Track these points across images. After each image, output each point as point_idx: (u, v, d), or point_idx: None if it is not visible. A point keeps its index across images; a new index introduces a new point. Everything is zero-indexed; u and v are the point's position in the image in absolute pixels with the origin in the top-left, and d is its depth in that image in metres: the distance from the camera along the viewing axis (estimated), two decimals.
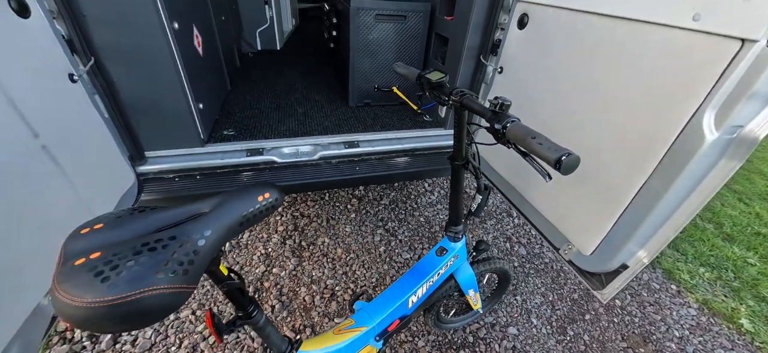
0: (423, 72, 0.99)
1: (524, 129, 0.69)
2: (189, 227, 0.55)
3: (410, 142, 1.99)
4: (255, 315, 0.77)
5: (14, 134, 0.96)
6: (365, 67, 2.26)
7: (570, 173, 0.62)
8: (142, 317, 0.46)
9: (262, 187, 0.66)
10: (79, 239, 0.50)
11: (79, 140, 1.22)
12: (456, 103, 0.85)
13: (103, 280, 0.43)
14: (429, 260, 1.17)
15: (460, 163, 0.99)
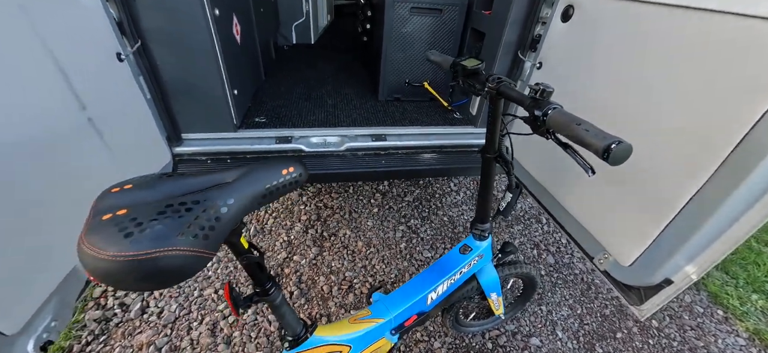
0: (458, 59, 0.95)
1: (568, 116, 0.64)
2: (213, 194, 0.55)
3: (438, 138, 1.95)
4: (272, 292, 0.77)
5: (64, 104, 1.02)
6: (397, 62, 2.24)
7: (620, 163, 0.56)
8: (162, 276, 0.46)
9: (286, 161, 0.66)
10: (109, 197, 0.52)
11: (121, 116, 1.29)
12: (492, 90, 0.81)
13: (127, 235, 0.44)
14: (452, 257, 1.13)
15: (492, 156, 0.94)
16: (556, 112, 0.66)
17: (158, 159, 1.52)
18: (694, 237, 0.94)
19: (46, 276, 0.94)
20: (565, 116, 0.64)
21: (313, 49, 3.53)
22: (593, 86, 1.26)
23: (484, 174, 1.00)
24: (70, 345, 1.35)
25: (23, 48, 0.89)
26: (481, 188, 1.03)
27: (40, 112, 0.93)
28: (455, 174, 2.32)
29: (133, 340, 1.38)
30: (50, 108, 0.96)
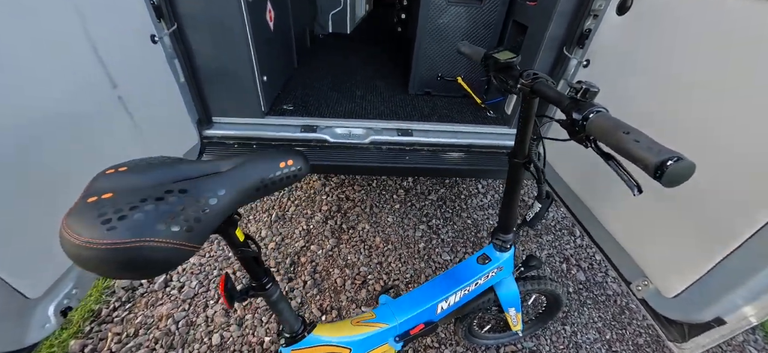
0: (490, 51, 0.86)
1: (613, 121, 0.54)
2: (203, 184, 0.52)
3: (468, 137, 1.85)
4: (269, 287, 0.75)
5: (95, 81, 1.06)
6: (430, 54, 2.15)
7: (676, 184, 0.46)
8: (138, 267, 0.44)
9: (286, 153, 0.62)
10: (101, 179, 0.50)
11: (151, 97, 1.33)
12: (526, 87, 0.72)
13: (104, 222, 0.42)
14: (468, 266, 1.05)
15: (521, 162, 0.85)
16: (600, 116, 0.56)
17: (185, 139, 1.56)
18: (760, 275, 0.80)
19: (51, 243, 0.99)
20: (610, 121, 0.54)
21: (349, 39, 3.51)
22: (650, 89, 1.11)
23: (511, 181, 0.91)
24: (99, 308, 1.44)
25: (60, 21, 0.93)
26: (505, 195, 0.95)
27: (72, 86, 0.97)
28: (484, 176, 2.21)
29: (155, 311, 1.45)
30: (81, 83, 1.00)
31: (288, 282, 1.60)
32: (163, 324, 1.40)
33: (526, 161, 0.86)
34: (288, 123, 1.85)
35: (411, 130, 1.86)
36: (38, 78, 0.87)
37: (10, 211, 0.80)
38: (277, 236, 1.82)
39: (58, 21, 0.93)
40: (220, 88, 1.67)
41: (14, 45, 0.81)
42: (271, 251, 1.74)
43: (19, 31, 0.82)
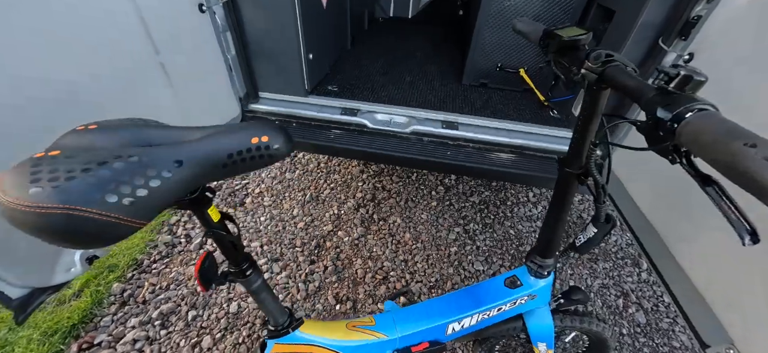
0: (553, 27, 0.66)
1: (725, 127, 0.35)
2: (159, 153, 0.46)
3: (522, 137, 1.62)
4: (250, 275, 0.69)
5: (139, 46, 1.10)
6: (490, 41, 1.94)
7: None
8: (66, 237, 0.39)
9: (262, 128, 0.52)
10: (68, 135, 0.48)
11: (194, 66, 1.36)
12: (592, 71, 0.54)
13: (34, 181, 0.38)
14: (492, 287, 0.90)
15: (575, 172, 0.67)
16: (703, 117, 0.37)
17: (226, 111, 1.60)
18: None
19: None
20: (719, 125, 0.36)
21: (409, 23, 3.37)
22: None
23: (559, 194, 0.74)
24: (142, 258, 1.56)
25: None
26: (551, 210, 0.77)
27: (114, 48, 1.01)
28: (536, 184, 1.95)
29: (186, 269, 1.53)
30: (123, 46, 1.04)
31: (310, 264, 1.58)
32: (192, 283, 1.48)
33: (582, 173, 0.67)
34: (329, 104, 1.81)
35: (457, 123, 1.69)
36: (83, 39, 0.91)
37: None
38: (307, 217, 1.81)
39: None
40: (267, 63, 1.68)
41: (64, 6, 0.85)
42: (298, 231, 1.74)
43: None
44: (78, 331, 1.32)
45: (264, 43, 1.63)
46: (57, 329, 1.30)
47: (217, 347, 1.29)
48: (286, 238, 1.69)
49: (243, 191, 1.97)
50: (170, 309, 1.39)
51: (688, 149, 0.40)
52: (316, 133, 1.71)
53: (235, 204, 1.88)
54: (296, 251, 1.63)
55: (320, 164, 2.18)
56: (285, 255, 1.62)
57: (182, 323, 1.35)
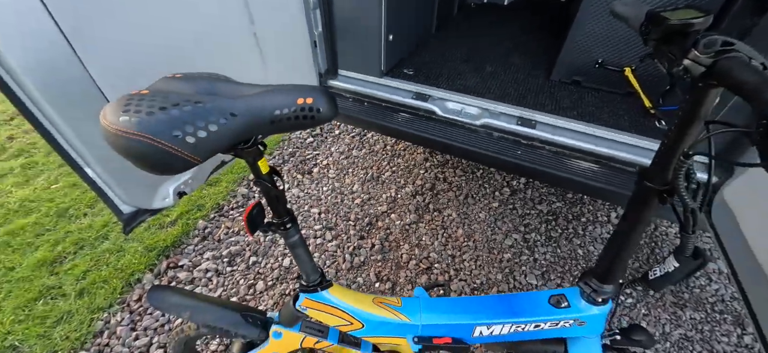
0: (660, 9, 0.53)
1: None
2: (220, 103, 0.51)
3: (612, 147, 1.40)
4: (289, 228, 0.74)
5: (238, 17, 1.23)
6: (592, 33, 1.69)
7: None
8: (139, 159, 0.46)
9: (309, 90, 0.56)
10: (160, 80, 0.57)
11: (281, 39, 1.48)
12: (699, 63, 0.43)
13: (124, 112, 0.46)
14: (534, 301, 0.81)
15: (656, 188, 0.56)
16: None
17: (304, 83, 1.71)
18: None
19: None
20: None
21: (503, 9, 3.13)
22: None
23: (633, 210, 0.63)
24: (223, 203, 1.81)
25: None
26: (619, 228, 0.67)
27: (217, 15, 1.15)
28: (623, 203, 1.66)
29: None
30: (225, 14, 1.18)
31: (359, 239, 1.64)
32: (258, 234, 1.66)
33: (666, 190, 0.56)
34: (402, 87, 1.80)
35: (534, 121, 1.53)
36: (196, 6, 1.06)
37: None
38: (365, 195, 1.86)
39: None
40: (349, 42, 1.74)
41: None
42: (355, 206, 1.80)
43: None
44: (169, 252, 1.60)
45: (348, 23, 1.68)
46: (155, 247, 1.60)
47: (268, 292, 1.44)
48: (342, 210, 1.78)
49: (312, 161, 2.11)
50: (237, 251, 1.59)
51: None
52: (385, 114, 1.73)
53: (304, 172, 2.04)
54: (349, 225, 1.70)
55: (387, 146, 2.21)
56: (338, 226, 1.70)
57: (244, 265, 1.54)
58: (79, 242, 1.64)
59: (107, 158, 0.93)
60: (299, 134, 2.33)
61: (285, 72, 1.55)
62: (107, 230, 1.70)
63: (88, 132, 0.87)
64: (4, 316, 1.35)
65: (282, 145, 2.27)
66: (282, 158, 2.15)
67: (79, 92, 0.85)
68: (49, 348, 1.27)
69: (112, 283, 1.47)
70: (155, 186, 1.14)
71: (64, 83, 0.82)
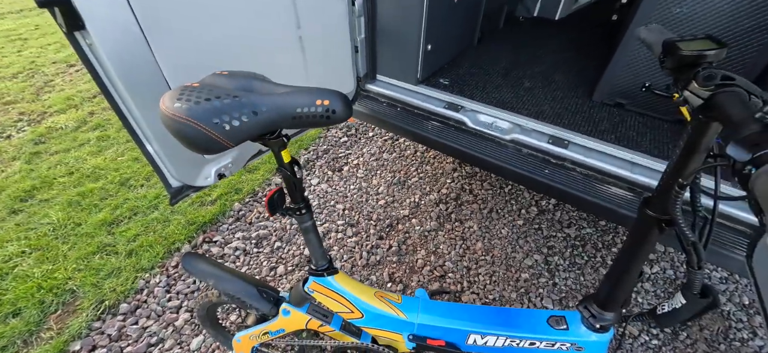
0: (677, 38, 0.53)
1: None
2: (252, 98, 0.59)
3: (649, 175, 1.32)
4: (303, 214, 0.80)
5: (286, 21, 1.34)
6: (639, 54, 1.60)
7: None
8: (183, 138, 0.55)
9: (326, 93, 0.62)
10: (210, 75, 0.66)
11: (325, 42, 1.57)
12: (697, 95, 0.45)
13: (178, 100, 0.55)
14: (531, 318, 0.81)
15: (657, 217, 0.56)
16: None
17: (342, 88, 1.79)
18: None
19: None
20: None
21: (550, 25, 3.03)
22: None
23: (635, 238, 0.63)
24: (258, 189, 1.95)
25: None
26: (621, 255, 0.66)
27: (269, 18, 1.27)
28: (667, 242, 1.54)
29: None
30: (276, 18, 1.29)
31: (378, 239, 1.68)
32: (284, 222, 1.77)
33: (666, 220, 0.55)
34: (436, 96, 1.83)
35: (567, 141, 1.49)
36: (250, 10, 1.18)
37: None
38: (389, 197, 1.91)
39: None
40: (388, 48, 1.81)
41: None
42: (378, 207, 1.85)
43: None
44: (206, 228, 1.76)
45: (389, 31, 1.75)
46: (195, 221, 1.77)
47: (287, 276, 1.53)
48: (366, 210, 1.83)
49: (344, 160, 2.20)
50: (264, 235, 1.71)
51: (759, 200, 0.30)
52: (417, 121, 1.77)
53: (334, 169, 2.13)
54: (370, 224, 1.76)
55: (417, 153, 2.24)
56: (359, 224, 1.76)
57: (269, 248, 1.65)
58: (134, 209, 1.86)
59: (164, 138, 1.07)
60: (334, 134, 2.44)
61: (324, 74, 1.65)
62: (158, 202, 1.91)
63: (151, 114, 1.01)
64: (68, 264, 1.58)
65: (317, 142, 2.39)
66: (316, 154, 2.27)
67: (148, 80, 0.98)
68: (98, 296, 1.46)
69: (156, 248, 1.65)
70: (200, 166, 1.27)
71: (138, 71, 0.96)
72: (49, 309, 1.43)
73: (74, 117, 2.63)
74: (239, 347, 1.09)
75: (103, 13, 0.85)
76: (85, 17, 0.81)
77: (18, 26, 4.38)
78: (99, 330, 1.37)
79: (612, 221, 1.75)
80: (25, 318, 1.39)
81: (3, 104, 2.79)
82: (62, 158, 2.22)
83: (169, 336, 1.35)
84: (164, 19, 0.97)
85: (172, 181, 1.20)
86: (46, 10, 0.80)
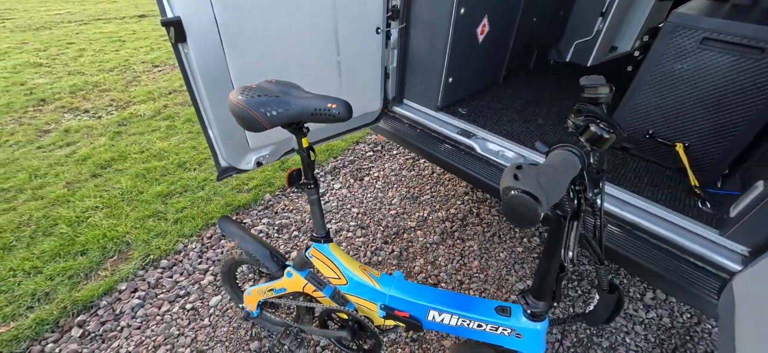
0: (589, 81, 0.70)
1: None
2: (287, 99, 0.84)
3: (638, 214, 1.38)
4: (311, 189, 1.02)
5: (330, 47, 1.61)
6: (645, 104, 1.69)
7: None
8: (241, 119, 0.82)
9: (335, 100, 0.85)
10: (263, 81, 0.91)
11: (358, 68, 1.82)
12: (574, 123, 0.62)
13: (241, 94, 0.82)
14: (482, 304, 0.94)
15: (561, 214, 0.69)
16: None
17: (369, 108, 2.02)
18: None
19: (272, 135, 1.63)
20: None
21: (584, 70, 3.12)
22: None
23: (550, 235, 0.76)
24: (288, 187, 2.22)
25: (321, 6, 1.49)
26: (543, 251, 0.79)
27: (315, 45, 1.53)
28: (639, 274, 1.54)
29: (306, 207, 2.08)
30: (320, 45, 1.57)
31: (383, 243, 1.85)
32: (305, 216, 2.01)
33: (563, 216, 0.68)
34: (452, 122, 2.02)
35: None
36: (301, 39, 1.46)
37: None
38: (400, 209, 2.08)
39: (322, 2, 1.49)
40: (415, 77, 2.04)
41: (292, 23, 1.41)
42: (388, 215, 2.04)
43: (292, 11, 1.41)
44: (239, 210, 2.05)
45: (417, 62, 1.99)
46: (231, 204, 2.07)
47: None
48: (377, 217, 2.02)
49: (366, 171, 2.43)
50: (285, 224, 1.96)
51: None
52: (432, 143, 1.96)
53: (357, 178, 2.36)
54: (378, 229, 1.94)
55: (434, 173, 2.41)
56: (369, 227, 1.95)
57: (287, 236, 1.89)
58: (185, 187, 2.20)
59: (222, 126, 1.36)
60: (362, 148, 2.69)
61: (355, 93, 1.88)
62: (204, 183, 2.25)
63: (217, 106, 1.30)
64: (128, 222, 1.92)
65: (346, 153, 2.65)
66: (343, 163, 2.52)
67: (219, 80, 1.28)
68: (146, 251, 1.77)
69: (197, 220, 1.95)
70: (244, 153, 1.55)
71: (214, 74, 1.26)
72: (108, 253, 1.76)
73: (151, 108, 3.15)
74: (249, 299, 1.31)
75: (200, 33, 1.17)
76: (189, 35, 1.13)
77: (119, 30, 5.26)
78: (142, 277, 1.66)
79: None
80: (90, 258, 1.72)
81: (99, 92, 3.40)
82: (137, 139, 2.68)
83: (194, 292, 1.60)
84: (238, 39, 1.27)
85: (221, 161, 1.48)
86: (142, 19, 1.13)
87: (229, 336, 1.43)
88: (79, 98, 3.26)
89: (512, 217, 0.42)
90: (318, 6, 1.45)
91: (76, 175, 2.26)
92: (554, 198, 0.45)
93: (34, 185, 2.15)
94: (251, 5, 1.27)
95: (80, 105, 3.14)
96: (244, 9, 1.25)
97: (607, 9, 2.91)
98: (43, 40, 4.72)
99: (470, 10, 1.88)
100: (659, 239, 1.33)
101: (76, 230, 1.86)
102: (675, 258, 1.28)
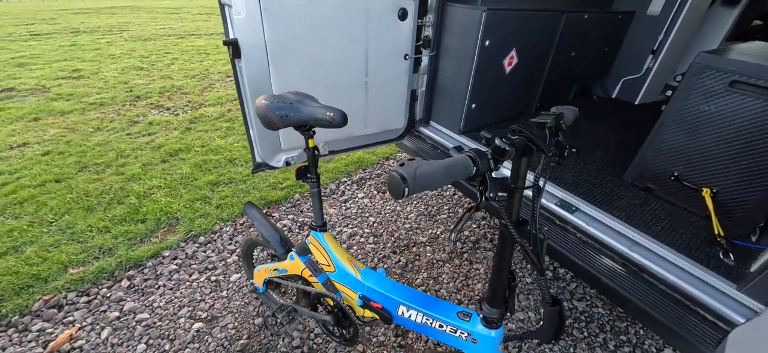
0: (541, 115, 0.79)
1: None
2: (300, 107, 1.02)
3: (646, 257, 1.33)
4: (313, 181, 1.18)
5: (359, 69, 1.80)
6: (671, 144, 1.61)
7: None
8: (261, 118, 1.01)
9: (332, 109, 1.02)
10: (287, 92, 1.11)
11: (383, 89, 1.99)
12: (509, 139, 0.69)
13: (266, 99, 1.01)
14: (446, 307, 1.00)
15: (505, 225, 0.76)
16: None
17: (393, 126, 2.16)
18: None
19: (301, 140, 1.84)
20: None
21: (629, 108, 2.96)
22: None
23: (499, 244, 0.83)
24: None
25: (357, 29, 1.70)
26: (494, 259, 0.86)
27: (346, 69, 1.74)
28: (641, 320, 1.40)
29: (329, 210, 2.27)
30: (351, 69, 1.77)
31: (392, 253, 1.95)
32: (326, 217, 2.19)
33: (515, 224, 0.75)
34: (469, 144, 2.09)
35: (574, 207, 1.58)
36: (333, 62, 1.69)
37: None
38: (414, 224, 2.17)
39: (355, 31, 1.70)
40: (442, 101, 2.16)
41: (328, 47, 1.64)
42: (402, 229, 2.13)
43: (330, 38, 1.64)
44: (270, 205, 2.30)
45: (444, 87, 2.12)
46: (265, 198, 2.33)
47: None
48: (391, 228, 2.13)
49: None
50: (306, 223, 2.15)
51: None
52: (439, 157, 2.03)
53: (380, 190, 2.50)
54: (390, 240, 2.04)
55: (455, 196, 2.47)
56: (382, 237, 2.06)
57: (307, 232, 2.08)
58: (231, 179, 2.53)
59: (261, 128, 1.60)
60: (391, 163, 2.84)
61: (379, 112, 2.03)
62: (247, 178, 2.56)
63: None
64: (181, 202, 2.27)
65: (374, 166, 2.82)
66: (370, 175, 2.69)
67: (263, 89, 1.53)
68: (189, 227, 2.08)
69: (235, 208, 2.24)
70: (275, 152, 1.79)
71: (260, 84, 1.50)
72: (161, 225, 2.09)
73: (218, 111, 3.65)
74: (257, 275, 1.50)
75: (251, 52, 1.43)
76: (243, 52, 1.39)
77: (206, 44, 6.15)
78: (182, 248, 1.95)
79: (604, 294, 1.68)
80: (147, 226, 2.07)
81: (181, 94, 4.03)
82: (202, 135, 3.13)
83: (219, 267, 1.84)
84: (282, 59, 1.51)
85: (257, 157, 1.72)
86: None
87: (240, 309, 1.63)
88: (165, 98, 3.89)
89: (389, 189, 0.53)
90: (352, 35, 1.65)
91: (150, 159, 2.72)
92: (423, 187, 0.54)
93: (119, 163, 2.63)
94: (295, 33, 1.51)
95: (164, 103, 3.75)
96: (288, 35, 1.49)
97: (659, 47, 2.78)
98: (147, 49, 5.70)
99: (496, 43, 1.97)
100: (666, 284, 1.26)
101: (142, 202, 2.24)
102: (680, 306, 1.21)
